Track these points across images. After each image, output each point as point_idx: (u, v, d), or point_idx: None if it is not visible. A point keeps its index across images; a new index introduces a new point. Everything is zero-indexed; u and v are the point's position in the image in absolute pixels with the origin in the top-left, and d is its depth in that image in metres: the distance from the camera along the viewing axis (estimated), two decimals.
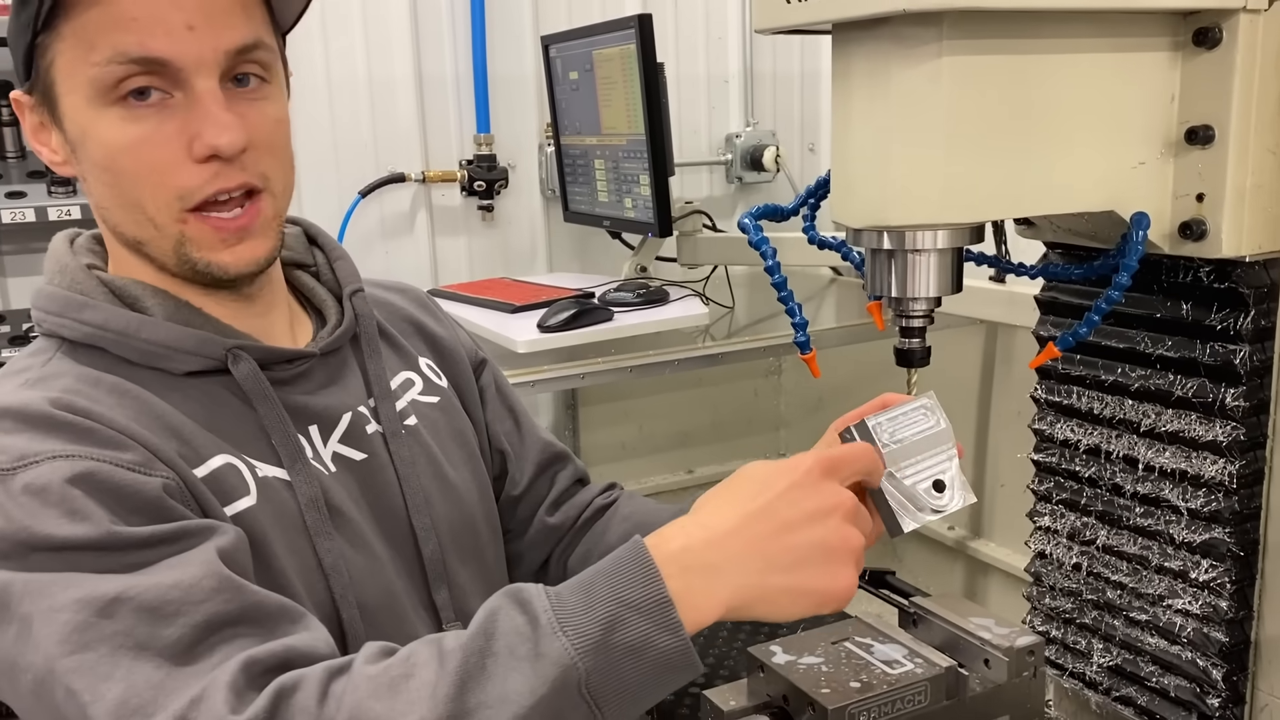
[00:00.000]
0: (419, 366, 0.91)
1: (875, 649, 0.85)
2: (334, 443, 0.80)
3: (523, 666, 0.58)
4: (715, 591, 0.62)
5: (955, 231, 0.75)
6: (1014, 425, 1.67)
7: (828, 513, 0.65)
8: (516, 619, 0.61)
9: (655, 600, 0.60)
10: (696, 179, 2.46)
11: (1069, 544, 1.02)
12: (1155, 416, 0.91)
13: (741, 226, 0.81)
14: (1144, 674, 0.96)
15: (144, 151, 0.71)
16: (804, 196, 0.92)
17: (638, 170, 1.69)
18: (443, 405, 0.91)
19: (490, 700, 0.58)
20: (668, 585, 0.61)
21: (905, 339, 0.80)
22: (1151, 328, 0.91)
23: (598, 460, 2.37)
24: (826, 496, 0.65)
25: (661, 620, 0.60)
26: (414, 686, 0.59)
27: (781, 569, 0.63)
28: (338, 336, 0.83)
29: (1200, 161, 0.79)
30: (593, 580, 0.62)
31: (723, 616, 0.63)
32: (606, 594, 0.61)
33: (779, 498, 0.64)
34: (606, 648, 0.59)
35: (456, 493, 0.87)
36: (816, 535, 0.64)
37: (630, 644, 0.59)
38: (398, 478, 0.82)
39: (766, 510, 0.64)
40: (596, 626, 0.59)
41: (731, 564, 0.63)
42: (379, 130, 2.12)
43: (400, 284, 0.99)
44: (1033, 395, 1.04)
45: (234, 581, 0.64)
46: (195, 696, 0.58)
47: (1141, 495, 0.94)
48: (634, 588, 0.60)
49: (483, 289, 1.82)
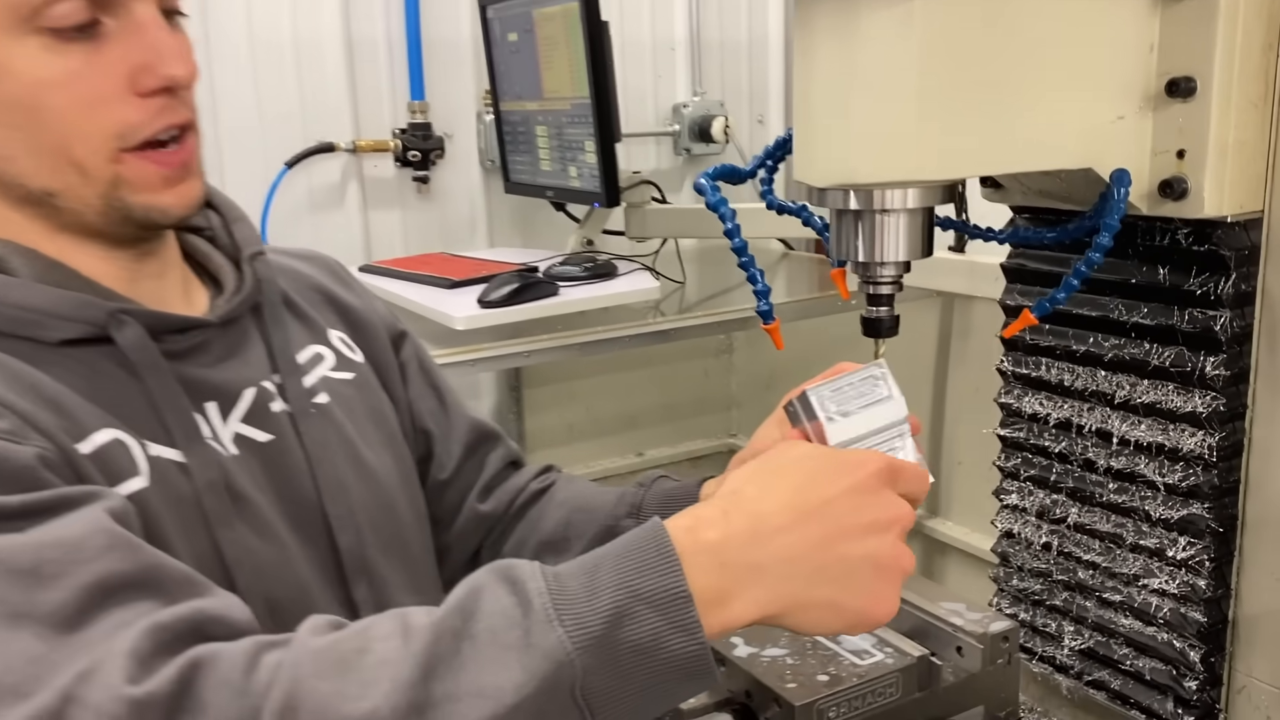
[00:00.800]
0: (330, 340, 0.84)
1: (842, 638, 0.82)
2: (235, 422, 0.73)
3: (507, 657, 0.51)
4: (754, 595, 0.56)
5: (927, 190, 0.72)
6: (972, 400, 1.65)
7: (887, 526, 0.59)
8: (504, 599, 0.53)
9: (672, 594, 0.53)
10: (644, 151, 2.40)
11: (1038, 523, 1.01)
12: (1130, 388, 0.89)
13: (698, 188, 0.77)
14: (1117, 657, 0.95)
15: (77, 86, 0.64)
16: (762, 157, 0.87)
17: (582, 136, 1.63)
18: (358, 382, 0.84)
19: (462, 691, 0.50)
20: (701, 580, 0.54)
21: (873, 307, 0.76)
22: (1126, 294, 0.89)
23: (544, 444, 2.32)
24: (889, 507, 0.60)
25: (677, 618, 0.53)
26: (370, 665, 0.50)
27: (829, 581, 0.58)
28: (237, 304, 0.76)
29: (1181, 115, 0.77)
30: (599, 563, 0.55)
31: (753, 624, 0.57)
32: (615, 580, 0.53)
33: (841, 500, 0.58)
34: (610, 644, 0.52)
35: (375, 477, 0.80)
36: (871, 549, 0.58)
37: (637, 642, 0.52)
38: (308, 461, 0.75)
39: (826, 511, 0.58)
40: (600, 619, 0.52)
41: (778, 567, 0.56)
42: (306, 96, 2.03)
43: (309, 251, 0.91)
44: (999, 368, 1.02)
45: (128, 539, 0.55)
46: (84, 670, 0.49)
47: (1115, 470, 0.92)
48: (648, 576, 0.53)
49: (418, 264, 1.75)
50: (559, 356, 1.41)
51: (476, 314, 1.40)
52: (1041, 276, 0.97)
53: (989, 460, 1.05)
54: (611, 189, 1.62)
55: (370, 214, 2.13)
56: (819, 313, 1.68)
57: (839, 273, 0.85)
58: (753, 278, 0.74)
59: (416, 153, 2.06)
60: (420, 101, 2.09)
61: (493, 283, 1.46)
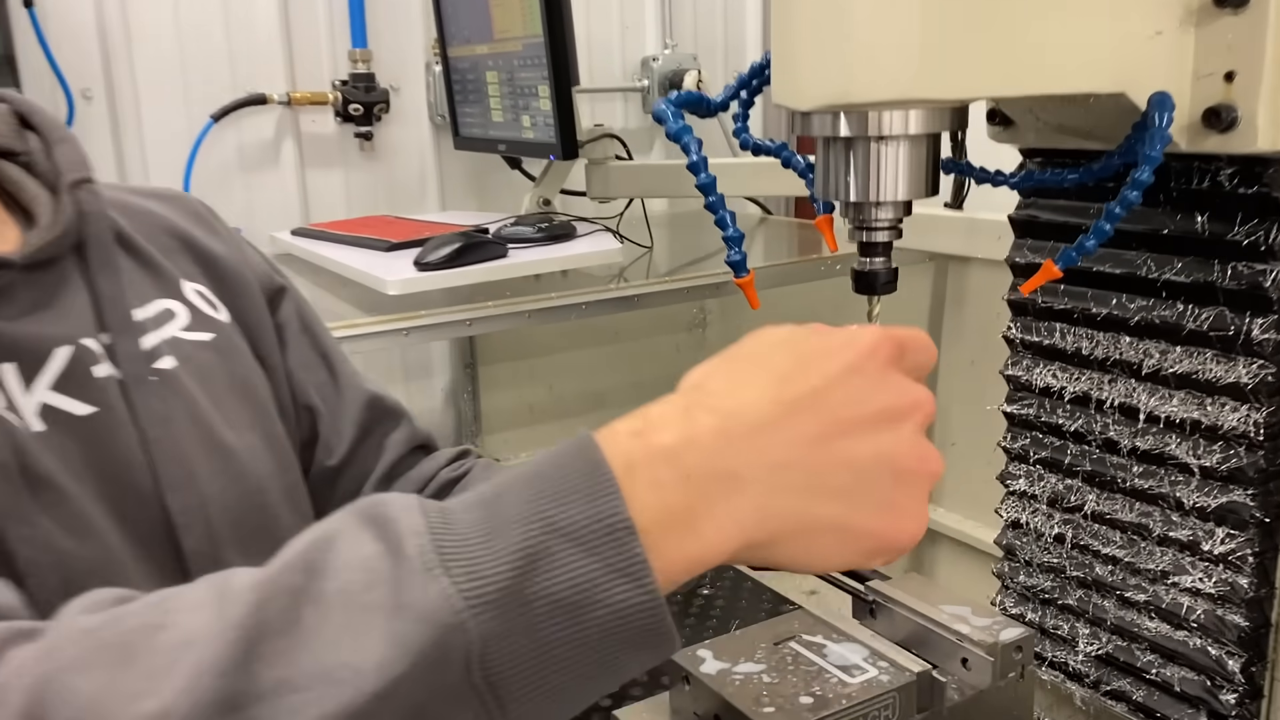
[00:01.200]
0: (184, 293, 0.71)
1: (829, 650, 0.73)
2: (42, 389, 0.61)
3: (368, 624, 0.37)
4: (732, 511, 0.42)
5: (932, 112, 0.62)
6: (967, 375, 1.56)
7: (903, 415, 0.45)
8: (366, 547, 0.39)
9: (607, 525, 0.39)
10: (610, 108, 2.32)
11: (1050, 511, 0.92)
12: (1161, 356, 0.81)
13: (658, 113, 0.66)
14: (1141, 664, 0.86)
15: None
16: (735, 86, 0.77)
17: (535, 79, 1.52)
18: (219, 345, 0.71)
19: (301, 675, 0.36)
20: (653, 500, 0.40)
21: (866, 258, 0.66)
22: (1156, 247, 0.79)
23: (502, 425, 2.23)
24: (903, 391, 0.46)
25: (615, 557, 0.39)
26: (165, 646, 0.37)
27: (833, 493, 0.44)
28: (51, 242, 0.64)
29: (1231, 30, 0.67)
30: (502, 491, 0.41)
31: (733, 557, 0.43)
32: (525, 511, 0.39)
33: (839, 386, 0.45)
34: (519, 600, 0.38)
35: (236, 462, 0.68)
36: (885, 446, 0.44)
37: (558, 595, 0.38)
38: (143, 441, 0.63)
39: (817, 399, 0.44)
40: (504, 564, 0.38)
41: (763, 475, 0.42)
42: (235, 42, 1.92)
43: (168, 190, 0.79)
44: (1006, 335, 0.93)
45: None
46: None
47: (1142, 452, 0.83)
48: (573, 503, 0.39)
49: (355, 226, 1.64)
50: (507, 325, 1.30)
51: (412, 277, 1.28)
52: (1056, 230, 0.87)
53: (989, 441, 0.97)
54: (568, 140, 1.51)
55: (308, 174, 2.04)
56: (800, 279, 1.58)
57: (825, 220, 0.75)
58: (722, 221, 0.64)
59: (359, 106, 1.97)
60: (362, 50, 1.99)
61: (430, 243, 1.34)
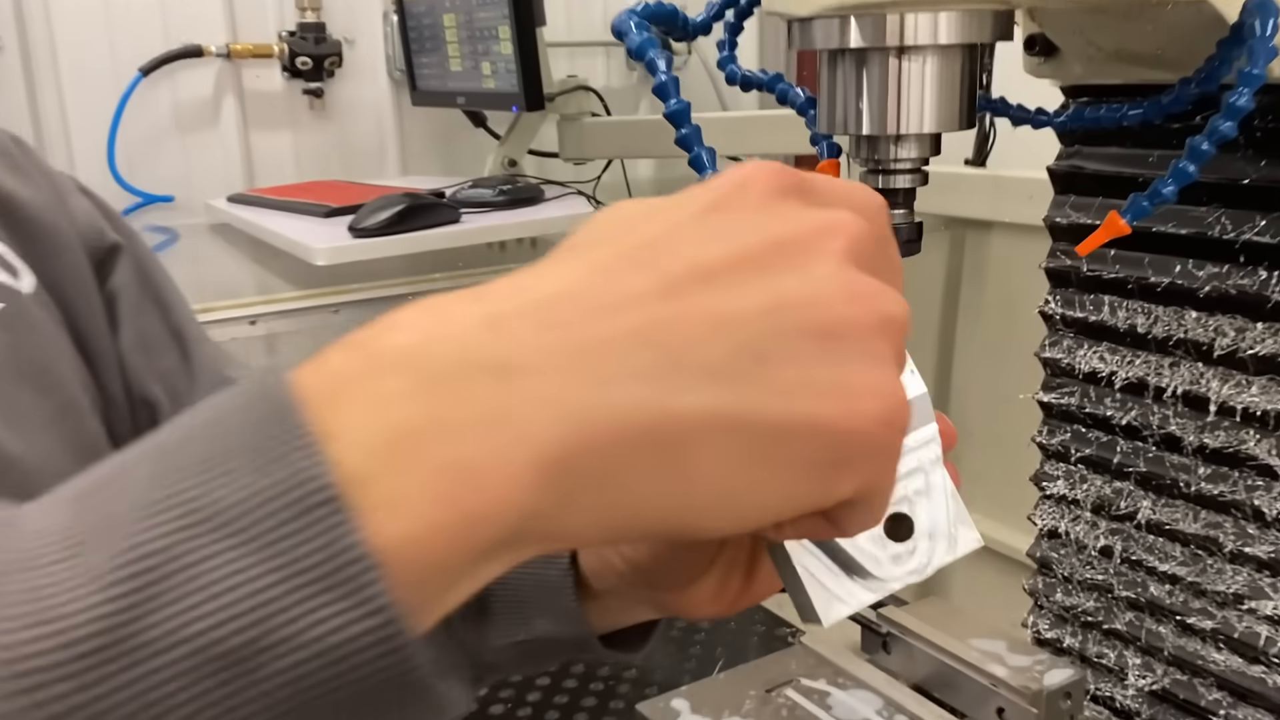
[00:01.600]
0: None
1: (834, 700, 0.61)
2: None
3: None
4: (516, 424, 0.26)
5: (971, 15, 0.49)
6: (985, 359, 1.46)
7: (804, 247, 0.30)
8: None
9: (288, 497, 0.24)
10: (590, 63, 2.22)
11: (1094, 519, 0.82)
12: (1236, 334, 0.70)
13: (618, 26, 0.54)
14: (1206, 703, 0.76)
15: None
16: (720, 4, 0.64)
17: (495, 19, 1.39)
18: (8, 319, 0.55)
19: None
20: (381, 420, 0.25)
21: None
22: (1233, 201, 0.69)
23: None
24: (795, 217, 0.31)
25: (304, 553, 0.24)
26: None
27: (710, 373, 0.28)
28: None
29: None
30: (137, 459, 0.26)
31: (556, 508, 0.26)
32: (154, 494, 0.25)
33: (683, 227, 0.30)
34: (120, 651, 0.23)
35: (17, 475, 0.53)
36: (787, 293, 0.29)
37: (196, 634, 0.23)
38: None
39: (653, 248, 0.29)
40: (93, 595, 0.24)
41: (560, 358, 0.27)
42: None
43: None
44: (1043, 310, 0.83)
45: None
46: None
47: (1211, 450, 0.73)
48: (233, 471, 0.25)
49: (298, 191, 1.52)
50: None
51: (345, 244, 1.15)
52: (1106, 183, 0.77)
53: (1014, 434, 0.87)
54: (533, 89, 1.39)
55: (252, 135, 1.93)
56: None
57: (830, 165, 0.62)
58: (698, 160, 0.51)
59: (307, 60, 1.87)
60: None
61: (368, 206, 1.20)
